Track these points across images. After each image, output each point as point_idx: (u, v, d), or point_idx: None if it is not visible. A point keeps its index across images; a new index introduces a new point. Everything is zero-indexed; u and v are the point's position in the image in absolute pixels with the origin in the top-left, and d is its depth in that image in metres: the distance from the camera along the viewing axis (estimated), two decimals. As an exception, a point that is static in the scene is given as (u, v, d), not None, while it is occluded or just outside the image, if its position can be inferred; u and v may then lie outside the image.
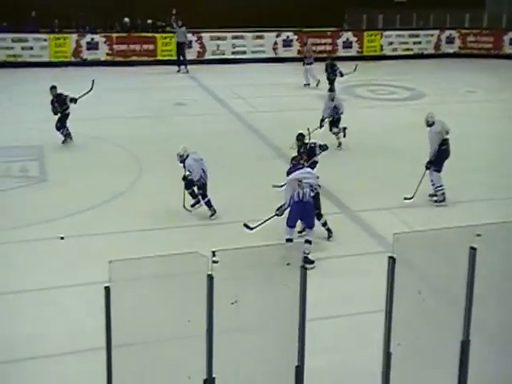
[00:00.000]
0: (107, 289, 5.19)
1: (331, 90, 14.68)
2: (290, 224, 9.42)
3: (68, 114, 14.30)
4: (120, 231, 10.27)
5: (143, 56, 23.62)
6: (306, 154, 10.83)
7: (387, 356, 5.30)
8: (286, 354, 5.34)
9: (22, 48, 22.67)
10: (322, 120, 14.12)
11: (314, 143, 11.16)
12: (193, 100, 18.64)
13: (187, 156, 10.54)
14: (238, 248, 8.84)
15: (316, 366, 5.86)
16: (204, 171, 10.67)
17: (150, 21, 24.00)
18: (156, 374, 5.54)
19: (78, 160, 13.51)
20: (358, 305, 8.24)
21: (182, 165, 10.59)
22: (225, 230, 10.24)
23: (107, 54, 23.40)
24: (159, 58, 23.63)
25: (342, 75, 18.69)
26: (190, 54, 23.62)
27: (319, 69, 19.65)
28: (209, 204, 10.73)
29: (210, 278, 5.41)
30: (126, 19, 23.79)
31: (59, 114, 14.25)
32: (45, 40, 22.84)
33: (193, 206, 10.85)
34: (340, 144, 14.31)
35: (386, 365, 5.32)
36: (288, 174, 9.90)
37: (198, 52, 24.12)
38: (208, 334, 5.31)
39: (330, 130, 14.30)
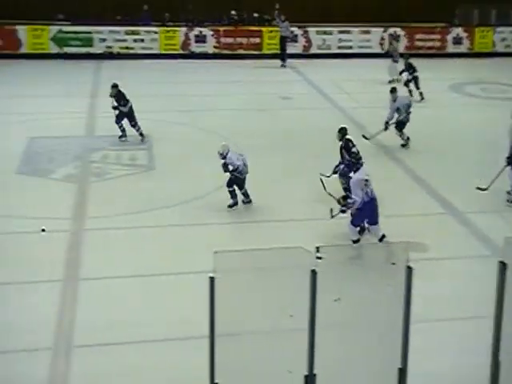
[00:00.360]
0: (212, 279, 5.26)
1: (393, 90, 14.03)
2: (357, 224, 9.27)
3: (127, 111, 14.12)
4: (223, 222, 10.44)
5: (249, 49, 23.80)
6: (343, 147, 10.84)
7: (496, 364, 5.11)
8: (389, 356, 5.25)
9: (134, 40, 23.40)
10: (387, 122, 13.71)
11: (354, 146, 10.92)
12: (298, 94, 18.63)
13: (227, 153, 10.66)
14: (340, 245, 8.81)
15: (418, 369, 5.73)
16: (245, 165, 10.72)
17: (256, 14, 24.15)
18: (257, 366, 5.59)
19: (185, 150, 13.79)
20: (462, 309, 8.00)
21: (223, 161, 10.70)
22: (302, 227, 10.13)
23: (214, 47, 23.75)
24: (265, 51, 23.74)
25: (409, 80, 18.12)
26: (296, 48, 23.62)
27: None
28: (233, 194, 10.75)
29: (314, 273, 5.38)
30: (233, 12, 24.05)
31: (121, 109, 14.10)
32: (155, 33, 23.46)
33: (230, 206, 10.80)
34: (405, 145, 13.93)
35: (494, 374, 5.13)
36: (341, 174, 9.77)
37: (304, 46, 24.05)
38: (310, 329, 5.29)
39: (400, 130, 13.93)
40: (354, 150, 10.83)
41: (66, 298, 8.25)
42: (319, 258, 8.67)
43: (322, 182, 10.10)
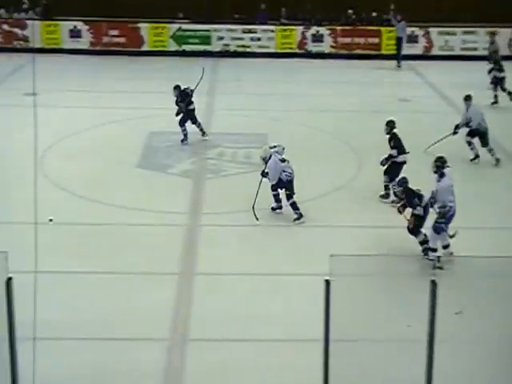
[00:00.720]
0: (327, 282, 5.20)
1: (467, 98, 13.16)
2: (441, 231, 8.76)
3: (193, 110, 13.95)
4: (337, 225, 10.27)
5: (367, 49, 23.42)
6: (389, 141, 10.95)
7: None
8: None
9: (251, 39, 23.64)
10: (457, 127, 13.08)
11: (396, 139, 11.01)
12: (417, 96, 18.11)
13: (270, 157, 10.41)
14: (464, 256, 8.45)
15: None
16: (289, 172, 10.41)
17: (374, 13, 23.74)
18: (371, 374, 5.48)
19: (300, 151, 13.62)
20: None
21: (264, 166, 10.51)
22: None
23: (331, 47, 23.57)
24: (383, 52, 23.29)
25: (497, 80, 17.06)
26: (416, 49, 23.07)
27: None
28: (294, 206, 10.40)
29: (434, 283, 5.19)
30: (350, 11, 23.77)
31: (183, 111, 13.83)
32: (272, 31, 23.59)
33: (273, 209, 10.62)
34: (476, 157, 13.01)
35: None
36: (399, 183, 9.34)
37: (425, 47, 23.41)
38: (429, 341, 5.11)
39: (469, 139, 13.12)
40: (392, 152, 10.94)
41: (182, 292, 8.41)
42: (440, 267, 8.44)
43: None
